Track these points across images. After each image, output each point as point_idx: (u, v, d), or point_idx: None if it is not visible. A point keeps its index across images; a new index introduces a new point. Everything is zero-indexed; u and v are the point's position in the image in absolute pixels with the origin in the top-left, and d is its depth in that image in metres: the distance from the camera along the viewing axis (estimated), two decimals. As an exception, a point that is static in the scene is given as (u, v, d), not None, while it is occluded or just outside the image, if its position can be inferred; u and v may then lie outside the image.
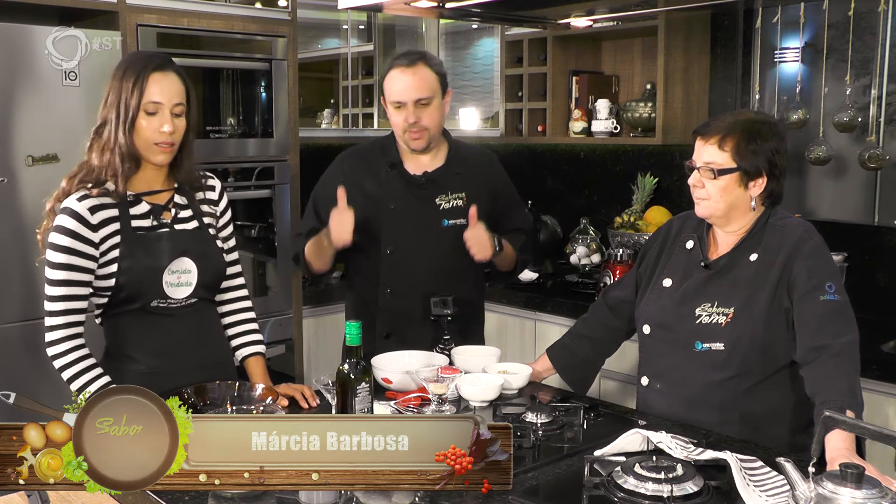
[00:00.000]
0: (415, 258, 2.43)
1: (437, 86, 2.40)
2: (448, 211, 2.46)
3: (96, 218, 1.93)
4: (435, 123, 2.42)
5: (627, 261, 3.40)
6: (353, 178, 2.48)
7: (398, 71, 2.39)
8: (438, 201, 2.46)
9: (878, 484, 1.34)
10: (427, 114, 2.39)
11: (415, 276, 2.45)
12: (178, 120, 1.98)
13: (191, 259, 2.04)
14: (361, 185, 2.47)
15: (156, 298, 2.01)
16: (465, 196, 2.48)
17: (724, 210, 1.99)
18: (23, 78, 2.86)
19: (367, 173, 2.49)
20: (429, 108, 2.39)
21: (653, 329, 2.10)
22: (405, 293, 2.46)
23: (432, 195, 2.46)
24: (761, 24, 3.39)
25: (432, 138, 2.43)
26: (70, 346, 1.94)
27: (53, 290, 1.93)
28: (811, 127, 3.33)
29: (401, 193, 2.45)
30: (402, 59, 2.40)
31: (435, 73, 2.40)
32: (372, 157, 2.52)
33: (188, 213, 2.08)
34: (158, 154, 1.98)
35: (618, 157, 4.04)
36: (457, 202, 2.47)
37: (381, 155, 2.50)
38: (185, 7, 3.24)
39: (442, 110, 2.44)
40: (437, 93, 2.40)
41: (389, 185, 2.47)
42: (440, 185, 2.47)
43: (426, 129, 2.40)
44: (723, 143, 1.96)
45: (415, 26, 4.56)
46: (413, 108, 2.37)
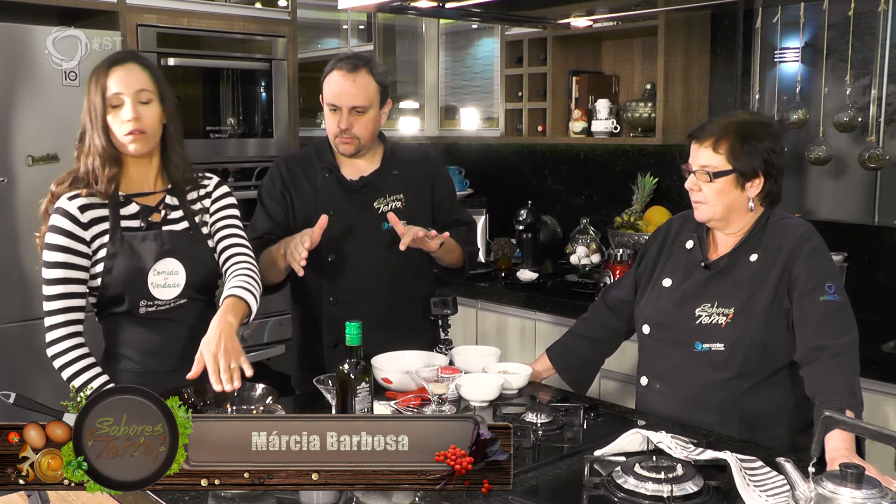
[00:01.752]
0: (357, 264, 2.39)
1: (376, 95, 2.36)
2: (387, 214, 2.39)
3: (86, 217, 1.95)
4: (367, 133, 2.37)
5: (627, 261, 3.39)
6: (291, 183, 2.45)
7: (339, 74, 2.34)
8: (377, 205, 2.41)
9: (878, 484, 1.34)
10: (361, 122, 2.35)
11: (358, 283, 2.40)
12: (144, 107, 1.96)
13: (178, 260, 2.03)
14: (299, 191, 2.43)
15: (142, 299, 2.00)
16: (402, 197, 2.44)
17: (723, 213, 1.99)
18: (23, 78, 2.87)
19: (304, 178, 2.45)
20: (363, 117, 2.35)
21: (652, 329, 2.10)
22: (349, 300, 2.40)
23: (370, 199, 2.41)
24: (761, 24, 3.39)
25: (363, 147, 2.39)
26: (69, 346, 1.94)
27: (51, 290, 1.93)
28: (811, 127, 3.33)
29: (338, 199, 2.40)
30: (345, 62, 2.35)
31: (376, 83, 2.36)
32: (308, 163, 2.47)
33: (178, 214, 2.07)
34: (130, 144, 1.96)
35: (618, 157, 4.04)
36: (395, 203, 2.43)
37: (318, 160, 2.46)
38: (185, 7, 3.24)
39: (377, 120, 2.39)
40: (375, 102, 2.36)
41: (326, 191, 2.42)
42: (377, 188, 2.42)
43: (357, 138, 2.36)
44: (717, 146, 1.96)
45: (415, 26, 4.56)
46: (347, 114, 2.33)
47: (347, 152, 2.39)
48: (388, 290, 2.40)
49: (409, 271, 2.45)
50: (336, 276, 2.40)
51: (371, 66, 2.37)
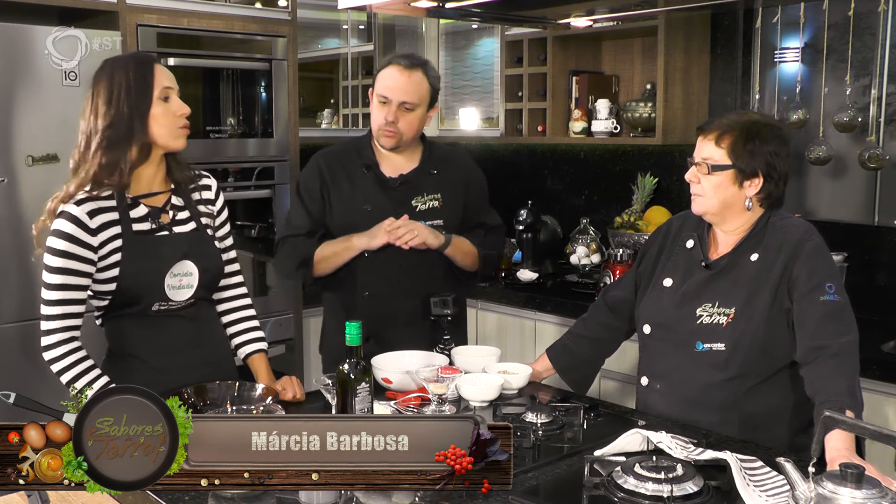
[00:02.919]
0: (392, 260, 2.42)
1: (427, 96, 2.42)
2: (424, 212, 2.46)
3: (95, 222, 1.93)
4: (411, 130, 2.42)
5: (627, 261, 3.39)
6: (329, 179, 2.49)
7: (395, 69, 2.40)
8: (414, 203, 2.46)
9: (878, 484, 1.34)
10: (407, 119, 2.40)
11: (392, 278, 2.44)
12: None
13: (192, 262, 2.04)
14: (338, 186, 2.48)
15: (157, 301, 2.01)
16: (440, 197, 2.48)
17: (718, 207, 1.99)
18: (23, 78, 2.87)
19: (343, 174, 2.49)
20: (410, 115, 2.40)
21: (653, 329, 2.10)
22: (383, 295, 2.45)
23: (408, 197, 2.46)
24: (761, 24, 3.39)
25: (404, 143, 2.44)
26: (67, 350, 1.94)
27: (50, 294, 1.93)
28: (811, 127, 3.33)
29: (376, 195, 2.45)
30: (404, 59, 2.42)
31: (429, 84, 2.42)
32: (347, 158, 2.51)
33: (186, 215, 2.08)
34: (180, 137, 2.00)
35: (618, 157, 4.04)
36: (433, 203, 2.47)
37: (357, 156, 2.50)
38: (185, 7, 3.24)
39: (422, 121, 2.45)
40: (424, 103, 2.42)
41: (365, 187, 2.46)
42: (415, 187, 2.47)
43: (400, 133, 2.41)
44: (720, 140, 1.97)
45: (415, 26, 4.56)
46: (396, 108, 2.39)
47: (387, 145, 2.44)
48: (423, 286, 2.43)
49: (442, 269, 2.48)
50: (371, 270, 2.45)
51: (427, 68, 2.44)
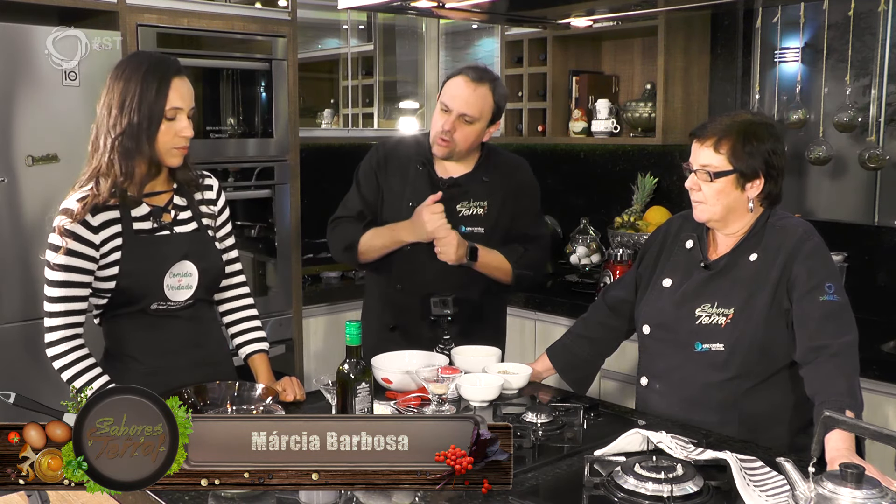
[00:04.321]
0: (429, 258, 2.44)
1: (489, 112, 2.42)
2: (467, 218, 2.47)
3: (97, 220, 1.93)
4: (466, 143, 2.43)
5: (627, 261, 3.39)
6: (385, 169, 2.54)
7: (462, 79, 2.41)
8: (459, 207, 2.47)
9: (878, 484, 1.34)
10: (464, 131, 2.41)
11: (425, 276, 2.47)
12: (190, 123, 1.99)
13: (192, 262, 2.04)
14: (390, 176, 2.53)
15: (156, 301, 2.01)
16: (486, 205, 2.49)
17: (722, 213, 1.99)
18: (23, 78, 2.86)
19: (398, 167, 2.53)
20: (468, 127, 2.41)
21: (652, 329, 2.10)
22: (413, 291, 2.49)
23: (454, 200, 2.47)
24: (761, 24, 3.39)
25: (456, 154, 2.46)
26: (69, 347, 1.94)
27: (53, 292, 1.93)
28: (811, 127, 3.33)
29: (425, 193, 2.46)
30: (473, 71, 2.42)
31: (493, 101, 2.42)
32: (406, 152, 2.55)
33: (187, 215, 2.08)
34: (177, 156, 1.99)
35: (618, 157, 4.04)
36: (477, 210, 2.49)
37: (415, 151, 2.53)
38: (185, 7, 3.24)
39: (480, 135, 2.45)
40: (485, 118, 2.42)
41: (415, 183, 2.49)
42: (463, 192, 2.48)
43: (454, 143, 2.42)
44: (719, 146, 1.95)
45: (415, 26, 4.56)
46: (455, 118, 2.39)
47: (440, 154, 2.46)
48: (453, 290, 2.43)
49: (475, 274, 2.49)
50: (407, 265, 2.49)
51: (495, 84, 2.44)
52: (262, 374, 2.18)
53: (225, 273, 2.17)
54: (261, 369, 2.20)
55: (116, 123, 1.92)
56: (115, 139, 1.92)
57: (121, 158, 1.92)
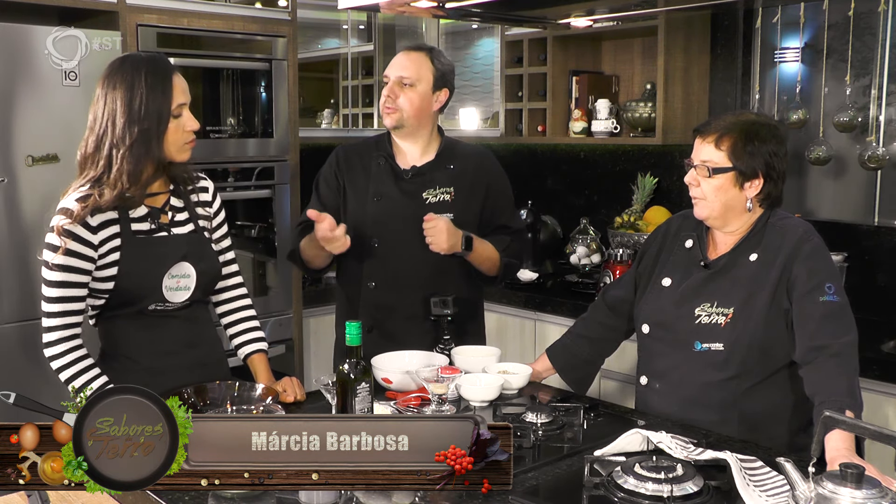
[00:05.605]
0: (400, 251, 2.43)
1: (429, 76, 2.43)
2: (434, 205, 2.44)
3: (96, 220, 1.92)
4: (411, 107, 2.42)
5: (627, 261, 3.40)
6: (345, 170, 2.52)
7: (400, 53, 2.48)
8: (425, 195, 2.45)
9: (878, 484, 1.34)
10: (407, 96, 2.42)
11: (399, 270, 2.44)
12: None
13: (190, 263, 2.04)
14: (353, 176, 2.50)
15: (154, 302, 2.01)
16: (452, 191, 2.46)
17: (720, 211, 1.99)
18: (23, 78, 2.86)
19: (359, 164, 2.51)
20: (409, 91, 2.42)
21: (652, 329, 2.10)
22: (389, 287, 2.46)
23: (419, 189, 2.45)
24: (761, 24, 3.39)
25: (405, 121, 2.44)
26: (68, 347, 1.94)
27: (51, 292, 1.92)
28: (811, 127, 3.33)
29: (387, 186, 2.46)
30: (411, 45, 2.51)
31: (432, 65, 2.44)
32: (366, 151, 2.54)
33: (184, 216, 2.07)
34: (187, 151, 2.00)
35: (618, 157, 4.04)
36: (444, 196, 2.45)
37: (375, 149, 2.52)
38: (185, 7, 3.24)
39: (426, 100, 2.44)
40: (426, 81, 2.43)
41: (378, 177, 2.48)
42: (428, 179, 2.47)
43: (399, 109, 2.42)
44: (720, 142, 1.96)
45: (415, 26, 4.56)
46: (394, 84, 2.43)
47: (388, 124, 2.46)
48: (428, 281, 2.43)
49: (452, 265, 2.46)
50: (378, 261, 2.46)
51: (433, 52, 2.49)
52: (262, 374, 2.18)
53: (222, 274, 2.17)
54: (260, 369, 2.19)
55: (126, 133, 1.89)
56: (127, 149, 1.89)
57: (131, 167, 1.90)
